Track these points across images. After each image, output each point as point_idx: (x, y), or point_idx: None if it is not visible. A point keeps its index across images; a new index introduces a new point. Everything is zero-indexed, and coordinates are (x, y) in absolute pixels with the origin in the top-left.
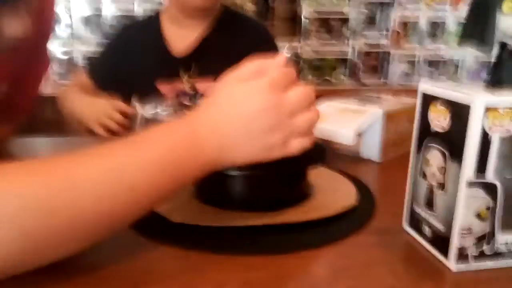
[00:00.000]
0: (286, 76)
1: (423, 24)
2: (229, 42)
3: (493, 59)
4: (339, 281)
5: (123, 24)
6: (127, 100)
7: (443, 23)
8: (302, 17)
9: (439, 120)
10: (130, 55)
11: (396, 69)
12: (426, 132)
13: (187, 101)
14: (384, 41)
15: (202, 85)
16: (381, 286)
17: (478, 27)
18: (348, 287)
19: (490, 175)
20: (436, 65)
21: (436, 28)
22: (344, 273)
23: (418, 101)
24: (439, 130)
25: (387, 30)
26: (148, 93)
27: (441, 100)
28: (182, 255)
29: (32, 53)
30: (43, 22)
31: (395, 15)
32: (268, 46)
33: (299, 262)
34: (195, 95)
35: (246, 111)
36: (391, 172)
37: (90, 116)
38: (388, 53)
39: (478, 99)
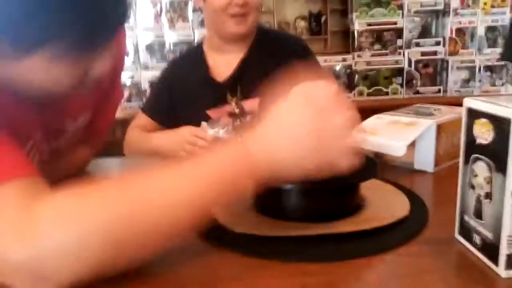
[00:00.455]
0: (331, 102)
1: (481, 30)
2: (268, 60)
3: None
4: None
5: (171, 60)
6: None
7: (503, 26)
8: (355, 31)
9: (483, 133)
10: (180, 87)
11: (455, 77)
12: (472, 145)
13: (238, 122)
14: (440, 50)
15: (248, 104)
16: None
17: None
18: None
19: None
20: (497, 71)
21: (494, 33)
22: (395, 281)
23: (464, 116)
24: (484, 142)
25: (443, 38)
26: (201, 120)
27: (484, 115)
28: (245, 262)
29: (109, 85)
30: (118, 59)
31: (452, 22)
32: (305, 59)
33: (351, 269)
34: (243, 115)
35: (294, 134)
36: (445, 183)
37: (173, 146)
38: (446, 61)
39: None
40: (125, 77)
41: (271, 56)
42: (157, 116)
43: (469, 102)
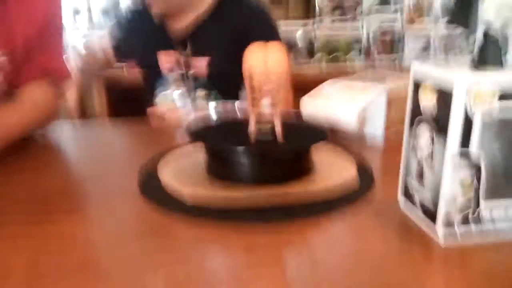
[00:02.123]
0: None
1: (437, 2)
2: (224, 21)
3: (476, 42)
4: (334, 246)
5: (135, 6)
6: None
7: None
8: None
9: (428, 98)
10: (138, 34)
11: (411, 49)
12: (417, 109)
13: (181, 77)
14: (398, 22)
15: (197, 62)
16: (374, 251)
17: (463, 12)
18: (342, 251)
19: (474, 146)
20: (451, 42)
21: (451, 4)
22: (339, 239)
23: (410, 81)
24: (428, 105)
25: (401, 10)
26: (152, 62)
27: (429, 80)
28: (194, 222)
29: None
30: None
31: None
32: (263, 28)
33: (299, 229)
34: (187, 72)
35: None
36: (393, 152)
37: None
38: (402, 33)
39: (461, 77)
40: (79, 40)
41: (229, 20)
42: (116, 52)
43: (416, 66)
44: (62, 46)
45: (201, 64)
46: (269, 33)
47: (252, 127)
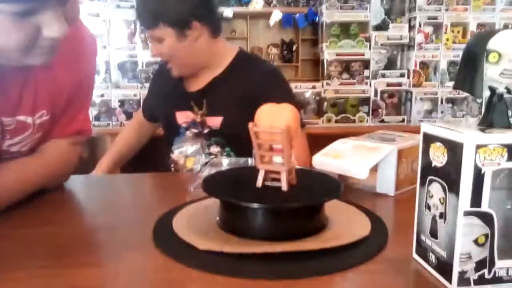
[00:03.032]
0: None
1: (443, 64)
2: (238, 83)
3: (484, 102)
4: None
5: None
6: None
7: None
8: (324, 60)
9: (438, 156)
10: (160, 91)
11: (418, 108)
12: (428, 168)
13: (197, 131)
14: (405, 81)
15: (211, 120)
16: None
17: (468, 76)
18: None
19: (485, 205)
20: (458, 103)
21: (456, 68)
22: None
23: (421, 140)
24: (439, 165)
25: (408, 70)
26: (171, 121)
27: (439, 139)
28: (209, 279)
29: (73, 85)
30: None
31: (416, 56)
32: (275, 89)
33: (314, 287)
34: (203, 127)
35: None
36: (405, 206)
37: None
38: (410, 92)
39: (470, 138)
40: (96, 95)
41: (242, 79)
42: (144, 112)
43: (425, 127)
44: (89, 105)
45: (215, 122)
46: (281, 94)
47: (259, 183)
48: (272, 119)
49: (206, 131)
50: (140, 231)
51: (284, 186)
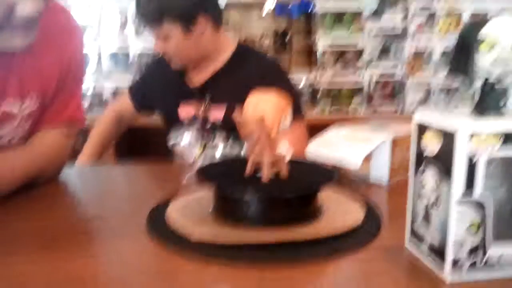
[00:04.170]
0: None
1: (436, 54)
2: (239, 75)
3: (476, 91)
4: None
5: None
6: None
7: None
8: (318, 50)
9: (431, 144)
10: (158, 83)
11: (411, 98)
12: (421, 156)
13: (200, 127)
14: (398, 72)
15: (214, 112)
16: None
17: (462, 63)
18: None
19: (478, 193)
20: (452, 93)
21: (449, 58)
22: (347, 284)
23: (413, 129)
24: (432, 154)
25: (401, 61)
26: (172, 115)
27: (433, 127)
28: (203, 268)
29: (62, 71)
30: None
31: (409, 46)
32: (275, 80)
33: (307, 274)
34: (206, 122)
35: None
36: (398, 195)
37: None
38: (403, 83)
39: (463, 126)
40: (87, 86)
41: (243, 72)
42: (134, 101)
43: (418, 115)
44: (81, 94)
45: (218, 113)
46: (281, 86)
47: (248, 172)
48: (255, 109)
49: (208, 125)
50: (134, 221)
51: (263, 177)
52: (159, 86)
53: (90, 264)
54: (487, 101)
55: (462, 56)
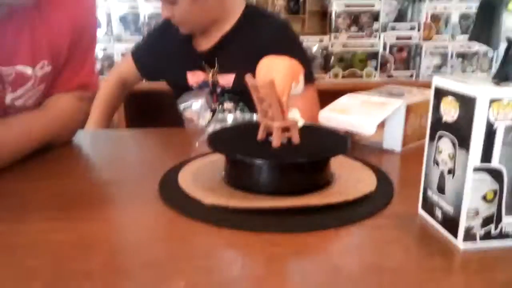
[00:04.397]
0: None
1: (455, 16)
2: (248, 39)
3: (500, 55)
4: (353, 257)
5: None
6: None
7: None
8: (332, 12)
9: (450, 111)
10: (165, 47)
11: (427, 63)
12: (439, 123)
13: (209, 93)
14: (415, 35)
15: (223, 78)
16: (393, 261)
17: (485, 26)
18: (362, 261)
19: (496, 161)
20: (469, 58)
21: (468, 20)
22: (358, 250)
23: (432, 95)
24: (450, 120)
25: (418, 24)
26: (179, 80)
27: (451, 93)
28: (215, 233)
29: (74, 36)
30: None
31: (427, 8)
32: (286, 43)
33: (318, 240)
34: (216, 87)
35: None
36: (412, 162)
37: None
38: (420, 47)
39: (484, 91)
40: (98, 49)
41: (252, 35)
42: (139, 65)
43: (437, 80)
44: (94, 58)
45: (228, 81)
46: (291, 49)
47: (260, 137)
48: (267, 73)
49: (218, 90)
50: (146, 185)
51: (274, 143)
52: (166, 52)
53: (104, 227)
54: (510, 66)
55: (485, 18)
